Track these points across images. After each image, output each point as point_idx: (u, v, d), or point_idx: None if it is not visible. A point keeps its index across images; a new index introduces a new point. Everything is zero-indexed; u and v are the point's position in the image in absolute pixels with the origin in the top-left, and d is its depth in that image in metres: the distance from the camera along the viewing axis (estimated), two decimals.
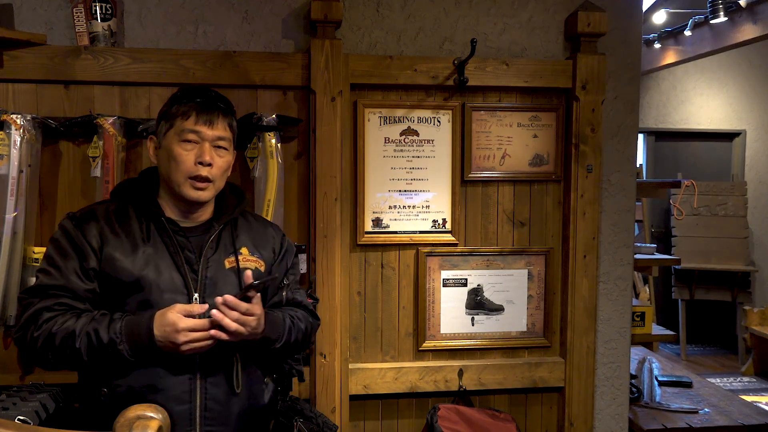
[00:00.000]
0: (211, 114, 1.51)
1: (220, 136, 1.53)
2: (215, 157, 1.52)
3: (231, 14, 2.18)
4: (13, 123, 1.92)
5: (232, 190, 1.67)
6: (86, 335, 1.40)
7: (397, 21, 2.27)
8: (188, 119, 1.49)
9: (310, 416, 1.80)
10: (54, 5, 2.09)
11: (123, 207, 1.55)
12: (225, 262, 1.55)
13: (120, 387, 1.43)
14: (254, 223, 1.68)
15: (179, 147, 1.49)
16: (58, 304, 1.45)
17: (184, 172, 1.49)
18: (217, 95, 1.57)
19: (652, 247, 3.29)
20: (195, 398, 1.46)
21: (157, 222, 1.53)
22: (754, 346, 5.43)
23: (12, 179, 1.93)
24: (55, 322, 1.42)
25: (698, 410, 2.78)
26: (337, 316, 2.19)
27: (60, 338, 1.41)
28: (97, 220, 1.51)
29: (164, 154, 1.52)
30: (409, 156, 2.29)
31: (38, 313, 1.44)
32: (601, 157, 2.34)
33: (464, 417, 2.24)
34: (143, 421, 0.93)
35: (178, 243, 1.51)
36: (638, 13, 2.41)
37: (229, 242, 1.58)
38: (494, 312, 2.38)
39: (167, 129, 1.52)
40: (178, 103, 1.52)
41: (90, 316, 1.43)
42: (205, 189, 1.52)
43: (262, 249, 1.63)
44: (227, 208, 1.62)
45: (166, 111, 1.54)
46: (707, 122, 6.53)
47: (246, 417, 1.55)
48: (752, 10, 4.45)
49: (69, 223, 1.51)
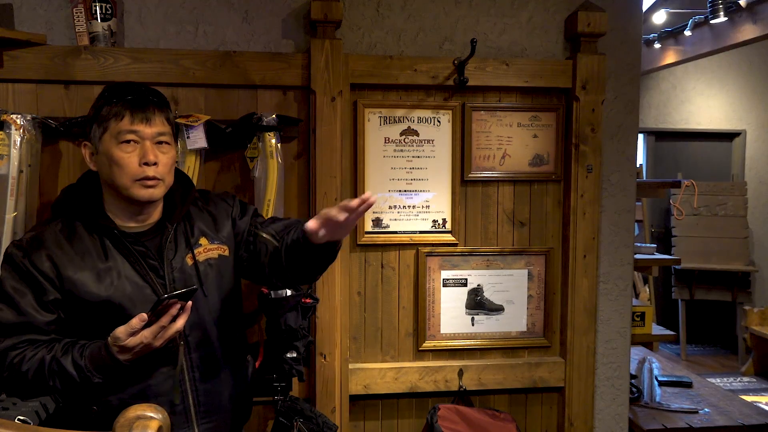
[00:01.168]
0: (146, 110, 1.43)
1: (160, 131, 1.45)
2: (159, 155, 1.44)
3: (231, 14, 2.18)
4: (13, 123, 1.92)
5: (178, 179, 1.58)
6: (56, 374, 1.38)
7: (397, 21, 2.27)
8: (122, 120, 1.41)
9: (310, 416, 1.81)
10: (54, 5, 2.09)
11: (70, 224, 1.47)
12: (187, 259, 1.51)
13: (111, 402, 1.43)
14: (205, 207, 1.61)
15: (119, 150, 1.41)
16: (23, 341, 1.40)
17: (130, 175, 1.42)
18: (148, 89, 1.49)
19: (652, 247, 3.29)
20: (187, 397, 1.47)
21: (110, 236, 1.46)
22: (754, 346, 5.43)
23: (12, 179, 1.93)
24: (23, 359, 1.39)
25: (698, 410, 2.78)
26: (337, 316, 2.19)
27: (31, 376, 1.39)
28: (47, 246, 1.43)
29: (104, 160, 1.44)
30: (409, 156, 2.29)
31: (3, 355, 1.40)
32: (601, 157, 2.34)
33: (464, 417, 2.24)
34: (143, 421, 0.93)
35: (138, 253, 1.46)
36: (638, 13, 2.41)
37: (185, 238, 1.52)
38: (494, 312, 2.38)
39: (102, 133, 1.43)
40: (108, 104, 1.43)
41: (54, 351, 1.39)
42: (156, 186, 1.45)
43: (220, 231, 1.58)
44: (176, 204, 1.55)
45: (95, 113, 1.45)
46: (707, 122, 6.53)
47: (235, 399, 1.59)
48: (752, 10, 4.44)
49: (17, 254, 1.42)
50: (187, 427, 1.47)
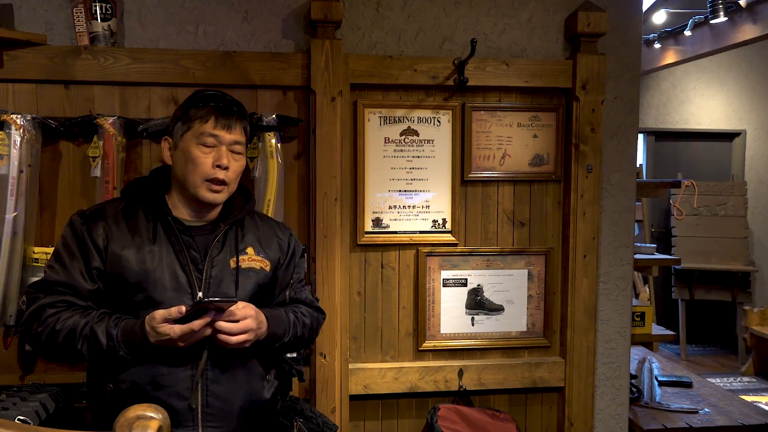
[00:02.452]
0: (229, 118, 1.54)
1: (237, 140, 1.56)
2: (231, 161, 1.55)
3: (231, 14, 2.18)
4: (13, 123, 1.92)
5: (240, 190, 1.68)
6: (86, 339, 1.43)
7: (397, 21, 2.27)
8: (207, 123, 1.52)
9: (310, 416, 1.80)
10: (54, 5, 2.09)
11: (132, 206, 1.57)
12: (230, 261, 1.57)
13: (124, 383, 1.46)
14: (261, 223, 1.69)
15: (197, 150, 1.52)
16: (61, 301, 1.47)
17: (202, 175, 1.52)
18: (233, 100, 1.60)
19: (652, 247, 3.28)
20: (197, 395, 1.47)
21: (164, 221, 1.55)
22: (754, 346, 5.43)
23: (12, 179, 1.93)
24: (58, 319, 1.45)
25: (698, 410, 2.78)
26: (337, 316, 2.19)
27: (62, 336, 1.44)
28: (105, 218, 1.53)
29: (181, 156, 1.55)
30: (409, 156, 2.30)
31: (42, 309, 1.47)
32: (601, 157, 2.34)
33: (464, 417, 2.24)
34: (143, 421, 0.93)
35: (184, 242, 1.53)
36: (638, 13, 2.41)
37: (234, 242, 1.59)
38: (494, 312, 2.38)
39: (184, 131, 1.54)
40: (196, 107, 1.55)
41: (89, 318, 1.45)
42: (221, 191, 1.55)
43: (267, 249, 1.65)
44: (234, 209, 1.64)
45: (183, 113, 1.56)
46: (707, 122, 6.52)
47: (248, 413, 1.55)
48: (752, 10, 4.44)
49: (78, 221, 1.53)
50: (191, 428, 1.47)
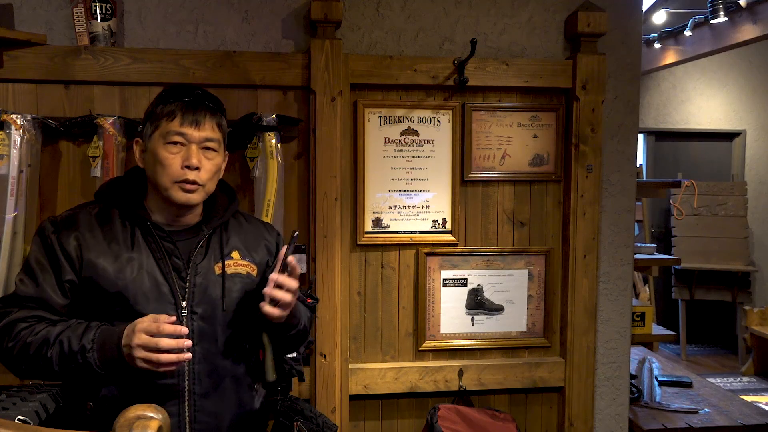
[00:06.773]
0: (197, 114, 1.43)
1: (208, 137, 1.44)
2: (203, 160, 1.44)
3: (231, 14, 2.18)
4: (13, 123, 1.92)
5: (223, 189, 1.59)
6: (59, 343, 1.35)
7: (397, 21, 2.27)
8: (173, 120, 1.41)
9: (310, 416, 1.80)
10: (54, 5, 2.09)
11: (107, 210, 1.47)
12: (215, 267, 1.48)
13: (106, 400, 1.39)
14: (246, 225, 1.60)
15: (164, 150, 1.42)
16: (33, 316, 1.40)
17: (171, 177, 1.42)
18: (205, 93, 1.49)
19: (652, 247, 3.29)
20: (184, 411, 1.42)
21: (142, 226, 1.45)
22: (754, 346, 5.43)
23: (12, 179, 1.93)
24: (31, 332, 1.37)
25: (698, 410, 2.78)
26: (337, 316, 2.19)
27: (34, 348, 1.36)
28: (78, 226, 1.44)
29: (150, 158, 1.44)
30: (409, 156, 2.29)
31: (13, 324, 1.39)
32: (601, 157, 2.34)
33: (464, 417, 2.24)
34: (143, 421, 0.93)
35: (165, 249, 1.44)
36: (638, 13, 2.41)
37: (219, 246, 1.51)
38: (494, 312, 2.38)
39: (152, 131, 1.44)
40: (163, 103, 1.44)
41: (66, 324, 1.38)
42: (195, 191, 1.44)
43: (254, 252, 1.56)
44: (217, 211, 1.54)
45: (151, 112, 1.46)
46: (707, 122, 6.53)
47: (237, 425, 1.51)
48: (752, 10, 4.45)
49: (48, 229, 1.44)
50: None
